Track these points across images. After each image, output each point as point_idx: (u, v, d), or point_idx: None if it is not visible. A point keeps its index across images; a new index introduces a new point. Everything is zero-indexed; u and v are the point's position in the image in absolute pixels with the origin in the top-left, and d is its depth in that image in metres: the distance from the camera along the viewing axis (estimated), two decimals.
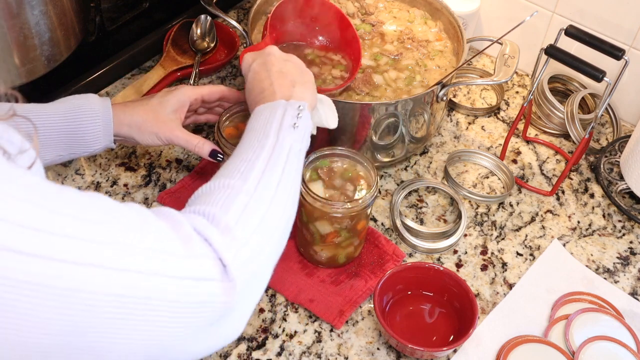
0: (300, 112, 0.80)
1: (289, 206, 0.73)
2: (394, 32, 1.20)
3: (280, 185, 0.72)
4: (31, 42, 0.93)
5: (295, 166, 0.76)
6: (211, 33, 1.30)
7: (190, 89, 0.99)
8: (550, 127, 1.25)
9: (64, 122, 0.92)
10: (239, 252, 0.63)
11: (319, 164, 0.96)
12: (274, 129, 0.77)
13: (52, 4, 0.93)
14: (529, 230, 1.10)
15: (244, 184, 0.69)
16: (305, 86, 0.86)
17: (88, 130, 0.93)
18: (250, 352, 0.91)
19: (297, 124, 0.78)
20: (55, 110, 0.92)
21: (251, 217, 0.66)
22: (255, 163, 0.72)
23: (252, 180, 0.70)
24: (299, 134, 0.78)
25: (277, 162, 0.73)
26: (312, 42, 1.16)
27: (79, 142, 0.93)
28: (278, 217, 0.70)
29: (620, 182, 1.16)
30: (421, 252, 1.05)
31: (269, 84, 0.85)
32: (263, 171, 0.71)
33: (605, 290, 1.02)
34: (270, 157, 0.73)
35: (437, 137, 1.22)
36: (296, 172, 0.76)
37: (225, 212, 0.65)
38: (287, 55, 0.90)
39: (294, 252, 1.02)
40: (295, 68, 0.88)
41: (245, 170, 0.71)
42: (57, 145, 0.93)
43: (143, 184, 1.09)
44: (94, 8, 1.13)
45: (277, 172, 0.72)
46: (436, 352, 0.90)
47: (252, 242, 0.65)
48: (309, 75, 0.89)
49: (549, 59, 1.08)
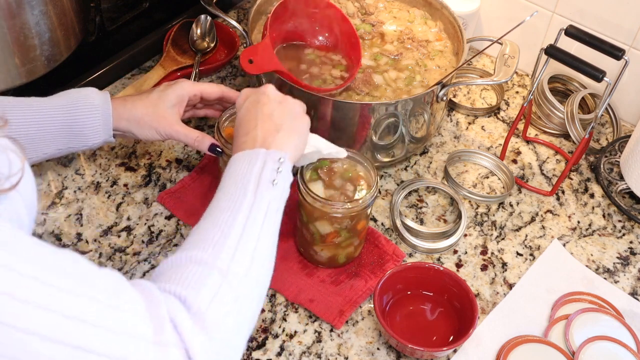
0: (280, 165, 0.76)
1: (263, 279, 0.70)
2: (394, 32, 1.20)
3: (255, 261, 0.68)
4: (31, 42, 0.93)
5: (271, 229, 0.73)
6: (211, 33, 1.30)
7: (190, 84, 0.98)
8: (550, 127, 1.25)
9: (64, 115, 0.92)
10: (209, 342, 0.60)
11: (319, 164, 0.96)
12: (251, 185, 0.73)
13: (52, 4, 0.93)
14: (529, 230, 1.10)
15: (216, 260, 0.65)
16: (290, 133, 0.82)
17: (87, 124, 0.93)
18: (250, 352, 0.91)
19: (276, 180, 0.75)
20: (55, 104, 0.92)
21: (223, 303, 0.63)
22: (229, 232, 0.68)
23: (225, 255, 0.66)
24: (277, 191, 0.75)
25: (253, 232, 0.70)
26: (312, 42, 1.16)
27: (78, 136, 0.93)
28: (252, 295, 0.67)
29: (620, 182, 1.16)
30: (421, 252, 1.05)
31: (254, 126, 0.81)
32: (237, 245, 0.67)
33: (605, 290, 1.02)
34: (245, 225, 0.69)
35: (437, 137, 1.22)
36: (272, 236, 0.73)
37: (197, 293, 0.62)
38: (284, 97, 0.86)
39: (294, 252, 1.02)
40: (286, 113, 0.84)
41: (219, 242, 0.67)
42: (56, 139, 0.93)
43: (143, 184, 1.09)
44: (94, 8, 1.13)
45: (252, 244, 0.69)
46: (436, 352, 0.90)
47: (224, 329, 0.62)
48: (300, 121, 0.85)
49: (549, 59, 1.08)
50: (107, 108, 0.93)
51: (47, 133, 0.92)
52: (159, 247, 1.01)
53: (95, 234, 1.02)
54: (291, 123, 0.83)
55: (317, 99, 1.02)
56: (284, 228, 1.04)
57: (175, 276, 0.64)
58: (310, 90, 1.03)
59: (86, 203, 1.05)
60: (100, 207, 1.05)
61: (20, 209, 0.62)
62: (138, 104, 0.95)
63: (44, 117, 0.91)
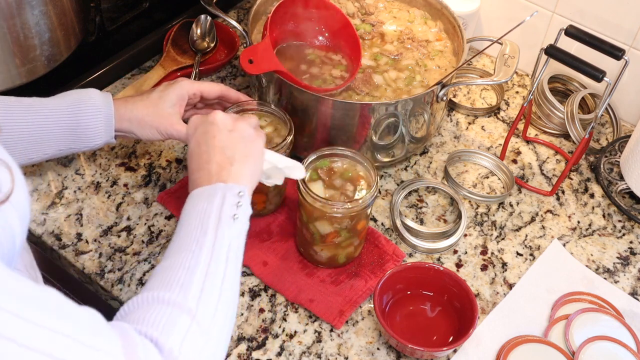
0: (240, 199, 0.76)
1: (230, 315, 0.71)
2: (394, 32, 1.20)
3: (222, 298, 0.69)
4: (31, 42, 0.93)
5: (234, 266, 0.73)
6: (211, 33, 1.30)
7: (190, 83, 0.98)
8: (550, 127, 1.25)
9: (66, 117, 0.92)
10: None
11: (319, 164, 0.96)
12: (212, 223, 0.73)
13: (52, 4, 0.93)
14: (529, 230, 1.10)
15: (185, 301, 0.66)
16: (245, 163, 0.81)
17: (90, 125, 0.93)
18: (250, 352, 0.91)
19: (237, 215, 0.74)
20: (57, 104, 0.92)
21: (194, 343, 0.64)
22: (194, 271, 0.68)
23: (193, 294, 0.66)
24: (238, 226, 0.75)
25: (217, 270, 0.70)
26: (312, 42, 1.16)
27: (80, 136, 0.93)
28: (221, 333, 0.68)
29: (620, 182, 1.16)
30: (421, 252, 1.05)
31: (206, 160, 0.80)
32: (202, 284, 0.68)
33: (605, 290, 1.02)
34: (209, 264, 0.70)
35: (437, 137, 1.22)
36: (235, 273, 0.73)
37: (168, 336, 0.62)
38: (233, 122, 0.84)
39: (294, 252, 1.02)
40: (238, 141, 0.82)
41: (185, 282, 0.67)
42: (58, 140, 0.93)
43: (143, 184, 1.09)
44: (94, 8, 1.13)
45: (218, 282, 0.69)
46: (436, 352, 0.90)
47: None
48: (253, 144, 0.83)
49: (549, 59, 1.08)
50: (109, 109, 0.93)
51: (49, 134, 0.92)
52: (159, 247, 1.01)
53: (95, 234, 1.02)
54: (244, 150, 0.82)
55: (317, 99, 1.02)
56: (284, 228, 1.04)
57: (145, 317, 0.64)
58: (310, 90, 1.03)
59: (86, 203, 1.05)
60: (100, 207, 1.05)
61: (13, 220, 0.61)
62: (139, 104, 0.95)
63: (46, 118, 0.91)
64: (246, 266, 0.99)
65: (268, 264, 1.00)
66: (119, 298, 0.95)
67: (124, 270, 0.98)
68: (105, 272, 0.98)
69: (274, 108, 1.00)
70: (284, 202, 1.07)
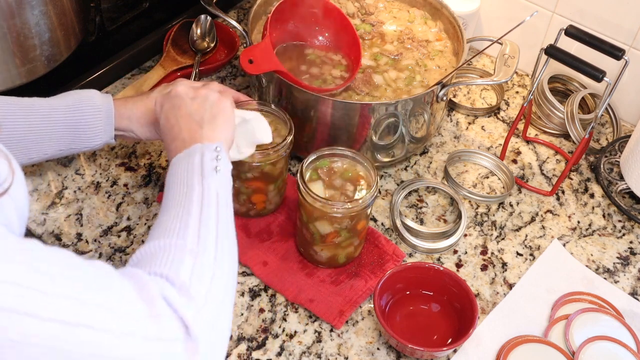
0: (218, 153, 0.78)
1: (231, 251, 0.73)
2: (394, 32, 1.20)
3: (219, 234, 0.71)
4: (31, 42, 0.93)
5: (225, 210, 0.75)
6: (211, 33, 1.30)
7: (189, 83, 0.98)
8: (550, 127, 1.25)
9: (66, 116, 0.92)
10: (199, 311, 0.63)
11: (319, 164, 0.96)
12: (196, 178, 0.75)
13: (52, 4, 0.93)
14: (529, 230, 1.10)
15: (185, 243, 0.68)
16: (214, 122, 0.83)
17: (90, 124, 0.93)
18: (250, 352, 0.91)
19: (218, 167, 0.77)
20: (57, 104, 0.92)
21: (202, 275, 0.66)
22: (188, 220, 0.71)
23: (191, 237, 0.69)
24: (222, 177, 0.77)
25: (210, 212, 0.72)
26: (312, 42, 1.16)
27: (80, 136, 0.93)
28: (225, 267, 0.70)
29: (620, 182, 1.16)
30: (421, 252, 1.05)
31: (177, 130, 0.83)
32: (198, 225, 0.70)
33: (605, 290, 1.02)
34: (201, 210, 0.72)
35: (437, 137, 1.22)
36: (229, 217, 0.75)
37: (177, 273, 0.65)
38: (195, 90, 0.87)
39: (294, 252, 1.02)
40: (202, 103, 0.85)
41: (181, 228, 0.70)
42: (59, 140, 0.93)
43: (143, 184, 1.09)
44: (94, 8, 1.13)
45: (212, 222, 0.72)
46: (436, 352, 0.90)
47: (209, 299, 0.65)
48: (219, 106, 0.86)
49: (549, 59, 1.08)
50: (109, 108, 0.94)
51: (49, 133, 0.92)
52: None
53: (95, 234, 1.02)
54: (211, 111, 0.85)
55: (317, 99, 1.02)
56: (284, 228, 1.04)
57: (152, 262, 0.66)
58: (310, 90, 1.03)
59: (86, 203, 1.05)
60: (100, 207, 1.05)
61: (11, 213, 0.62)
62: (139, 103, 0.96)
63: (46, 118, 0.91)
64: (246, 266, 0.99)
65: (268, 264, 1.00)
66: None
67: None
68: None
69: (274, 108, 1.00)
70: (284, 202, 1.07)
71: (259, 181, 0.99)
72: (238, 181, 0.99)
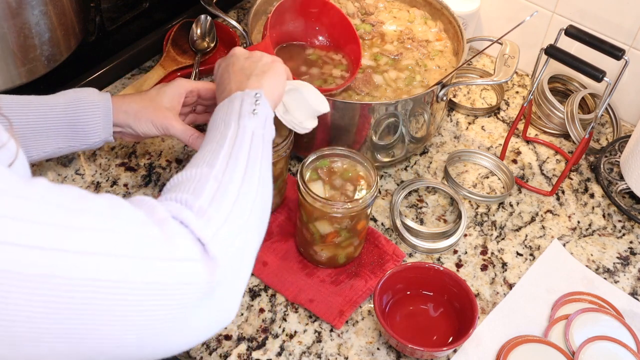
0: (257, 99, 0.80)
1: (261, 188, 0.73)
2: (394, 32, 1.20)
3: (248, 168, 0.72)
4: (31, 42, 0.93)
5: (260, 150, 0.76)
6: (211, 33, 1.30)
7: (187, 82, 1.00)
8: (550, 127, 1.25)
9: (64, 113, 0.93)
10: (217, 231, 0.63)
11: (319, 164, 0.96)
12: (234, 118, 0.78)
13: (52, 4, 0.93)
14: (529, 230, 1.10)
15: (212, 171, 0.69)
16: (262, 76, 0.86)
17: (88, 122, 0.94)
18: (250, 352, 0.91)
19: (255, 110, 0.79)
20: (56, 102, 0.93)
21: (223, 200, 0.67)
22: (219, 151, 0.73)
23: (219, 166, 0.70)
24: (259, 120, 0.79)
25: (242, 147, 0.74)
26: (312, 42, 1.16)
27: (78, 133, 0.94)
28: (251, 198, 0.70)
29: (620, 182, 1.16)
30: (421, 252, 1.05)
31: (227, 83, 0.87)
32: (229, 156, 0.72)
33: (605, 290, 1.02)
34: (234, 144, 0.74)
35: (437, 137, 1.22)
36: (263, 156, 0.76)
37: (197, 197, 0.65)
38: (251, 52, 0.91)
39: (294, 252, 1.02)
40: (255, 62, 0.89)
41: (211, 158, 0.71)
42: (57, 137, 0.93)
43: (143, 184, 1.09)
44: (94, 8, 1.13)
45: (243, 155, 0.73)
46: (436, 352, 0.90)
47: (229, 221, 0.65)
48: (271, 65, 0.89)
49: (549, 59, 1.08)
50: (107, 105, 0.95)
51: (48, 130, 0.92)
52: None
53: None
54: (261, 69, 0.88)
55: None
56: (284, 228, 1.04)
57: (178, 188, 0.67)
58: None
59: None
60: None
61: None
62: (136, 98, 0.97)
63: (45, 115, 0.92)
64: None
65: (268, 264, 1.00)
66: None
67: None
68: None
69: None
70: (284, 202, 1.07)
71: None
72: None
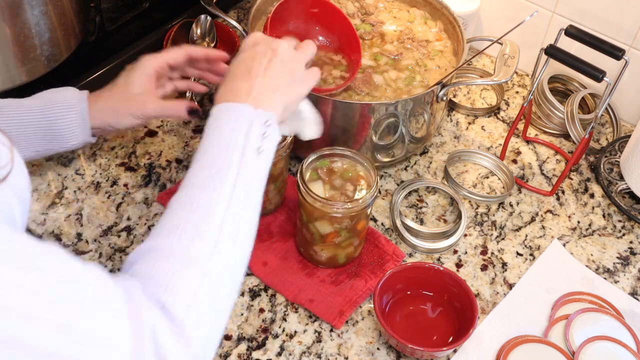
0: (267, 129, 0.72)
1: (242, 265, 0.67)
2: (394, 32, 1.20)
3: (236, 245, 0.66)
4: (31, 42, 0.93)
5: (254, 207, 0.69)
6: (211, 33, 1.30)
7: (152, 58, 0.95)
8: (550, 127, 1.25)
9: (40, 117, 0.90)
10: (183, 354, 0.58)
11: (319, 164, 0.96)
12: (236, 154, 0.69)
13: (52, 4, 0.93)
14: (529, 230, 1.10)
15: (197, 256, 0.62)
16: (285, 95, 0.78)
17: (64, 125, 0.91)
18: (250, 352, 0.91)
19: (261, 148, 0.71)
20: (30, 105, 0.91)
21: (202, 304, 0.61)
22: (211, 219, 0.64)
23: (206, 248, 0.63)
24: (263, 161, 0.71)
25: (235, 212, 0.66)
26: None
27: (55, 137, 0.92)
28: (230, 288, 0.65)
29: (620, 182, 1.16)
30: (421, 252, 1.05)
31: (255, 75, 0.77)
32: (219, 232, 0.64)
33: (605, 290, 1.02)
34: (228, 205, 0.65)
35: (437, 137, 1.22)
36: (254, 215, 0.69)
37: (175, 298, 0.59)
38: (293, 56, 0.81)
39: (294, 252, 1.02)
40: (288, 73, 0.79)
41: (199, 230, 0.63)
42: (34, 140, 0.91)
43: (143, 184, 1.09)
44: (94, 8, 1.13)
45: (234, 226, 0.65)
46: (436, 352, 0.90)
47: (201, 332, 0.60)
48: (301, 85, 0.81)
49: (549, 59, 1.08)
50: (83, 108, 0.92)
51: (23, 134, 0.90)
52: None
53: (95, 234, 1.02)
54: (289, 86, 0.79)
55: (317, 99, 1.02)
56: (284, 228, 1.04)
57: (152, 272, 0.61)
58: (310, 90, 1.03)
59: (86, 203, 1.05)
60: (100, 207, 1.05)
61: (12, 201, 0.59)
62: (107, 96, 0.93)
63: (20, 119, 0.90)
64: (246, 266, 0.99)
65: (268, 264, 1.00)
66: None
67: None
68: None
69: None
70: (284, 202, 1.07)
71: None
72: None
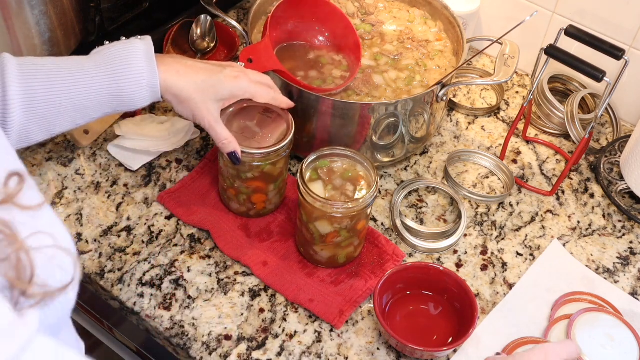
0: None
1: None
2: (394, 32, 1.20)
3: None
4: (31, 42, 0.93)
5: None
6: (211, 33, 1.30)
7: (247, 85, 0.96)
8: (550, 127, 1.25)
9: (108, 86, 0.88)
10: None
11: (319, 164, 0.96)
12: None
13: (52, 4, 0.93)
14: (529, 230, 1.10)
15: None
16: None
17: (134, 96, 0.90)
18: (250, 352, 0.91)
19: None
20: (98, 73, 0.88)
21: None
22: None
23: None
24: None
25: None
26: (312, 42, 1.16)
27: (125, 101, 0.90)
28: None
29: (620, 182, 1.16)
30: (421, 252, 1.05)
31: None
32: None
33: (605, 290, 1.02)
34: None
35: (437, 137, 1.22)
36: None
37: None
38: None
39: (294, 252, 1.02)
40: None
41: None
42: (103, 105, 0.89)
43: (143, 184, 1.09)
44: (94, 8, 1.13)
45: None
46: (436, 352, 0.90)
47: None
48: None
49: (549, 59, 1.08)
50: (154, 80, 0.90)
51: (93, 101, 0.88)
52: (159, 247, 1.01)
53: (95, 234, 1.02)
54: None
55: (317, 99, 1.02)
56: (284, 228, 1.04)
57: None
58: (310, 90, 1.03)
59: (86, 203, 1.05)
60: (100, 207, 1.05)
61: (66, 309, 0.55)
62: (190, 86, 0.92)
63: (89, 87, 0.87)
64: (246, 266, 0.99)
65: (268, 264, 1.00)
66: (119, 298, 0.96)
67: (123, 271, 0.98)
68: (105, 272, 0.98)
69: (274, 106, 1.00)
70: (284, 202, 1.07)
71: (259, 181, 0.99)
72: (238, 181, 0.99)
